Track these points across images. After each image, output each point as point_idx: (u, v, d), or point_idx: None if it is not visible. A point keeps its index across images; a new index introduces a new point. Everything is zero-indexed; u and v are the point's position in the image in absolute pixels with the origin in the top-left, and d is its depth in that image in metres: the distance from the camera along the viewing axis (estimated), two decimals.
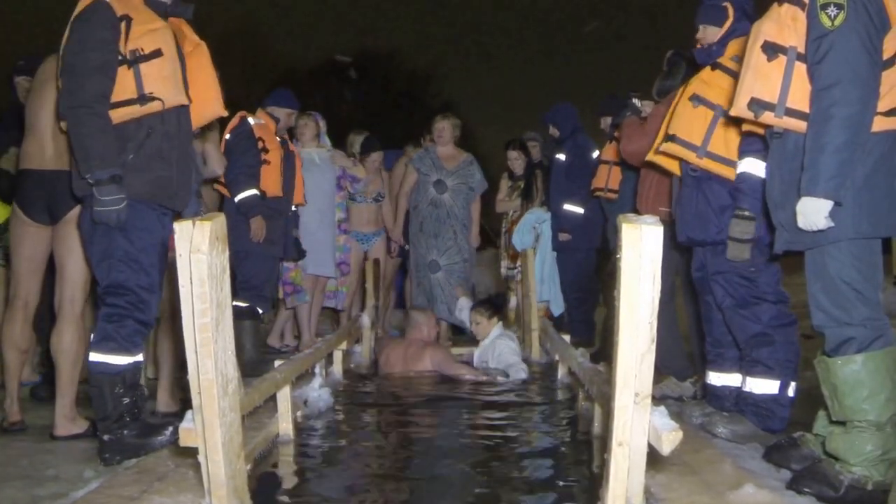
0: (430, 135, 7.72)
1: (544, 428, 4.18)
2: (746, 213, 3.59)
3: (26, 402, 4.62)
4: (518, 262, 7.70)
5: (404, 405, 4.75)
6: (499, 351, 5.98)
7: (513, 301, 8.11)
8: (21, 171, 4.12)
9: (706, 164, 3.80)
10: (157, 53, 3.47)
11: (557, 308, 7.52)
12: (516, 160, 8.05)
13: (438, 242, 7.35)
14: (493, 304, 6.47)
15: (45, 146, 4.01)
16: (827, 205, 2.78)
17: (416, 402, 4.84)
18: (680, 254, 4.54)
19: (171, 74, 3.51)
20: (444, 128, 7.40)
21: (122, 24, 3.42)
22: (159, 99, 3.46)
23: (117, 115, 3.42)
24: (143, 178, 3.48)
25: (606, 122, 6.36)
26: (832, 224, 2.79)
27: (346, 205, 7.51)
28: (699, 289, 4.10)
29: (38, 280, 4.19)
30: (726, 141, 3.74)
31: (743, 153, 3.65)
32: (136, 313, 3.50)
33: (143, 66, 3.44)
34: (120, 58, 3.41)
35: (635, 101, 5.26)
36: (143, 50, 3.45)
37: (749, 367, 3.78)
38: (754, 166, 3.58)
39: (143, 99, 3.44)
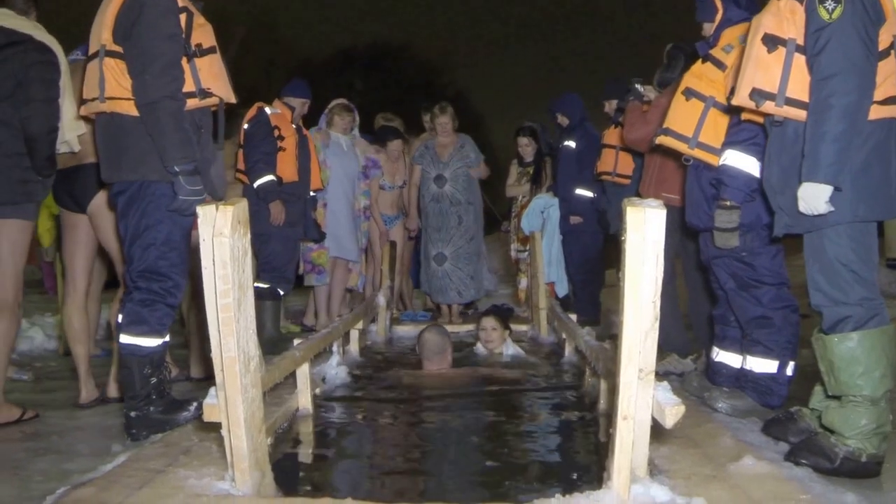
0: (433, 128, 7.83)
1: (552, 403, 4.25)
2: (728, 203, 3.67)
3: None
4: (527, 245, 7.83)
5: (417, 382, 4.81)
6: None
7: (523, 282, 8.22)
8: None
9: (698, 153, 3.89)
10: (212, 50, 3.56)
11: (562, 289, 7.62)
12: (527, 146, 8.16)
13: (442, 235, 7.51)
14: (506, 316, 6.24)
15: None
16: (827, 190, 2.84)
17: (428, 379, 4.90)
18: (683, 236, 4.62)
19: (220, 71, 3.59)
20: (447, 122, 7.51)
21: (184, 17, 3.47)
22: (216, 95, 3.55)
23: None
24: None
25: (612, 105, 6.44)
26: (832, 208, 2.86)
27: (370, 191, 7.65)
28: (708, 270, 4.18)
29: (90, 265, 4.39)
30: (717, 131, 3.83)
31: (726, 145, 3.73)
32: (169, 298, 3.57)
33: (199, 61, 3.51)
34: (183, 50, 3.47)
35: (638, 86, 5.33)
36: (202, 45, 3.51)
37: (749, 346, 3.85)
38: (737, 159, 3.64)
39: (202, 93, 3.51)
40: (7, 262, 3.95)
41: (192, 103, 3.51)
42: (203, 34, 3.55)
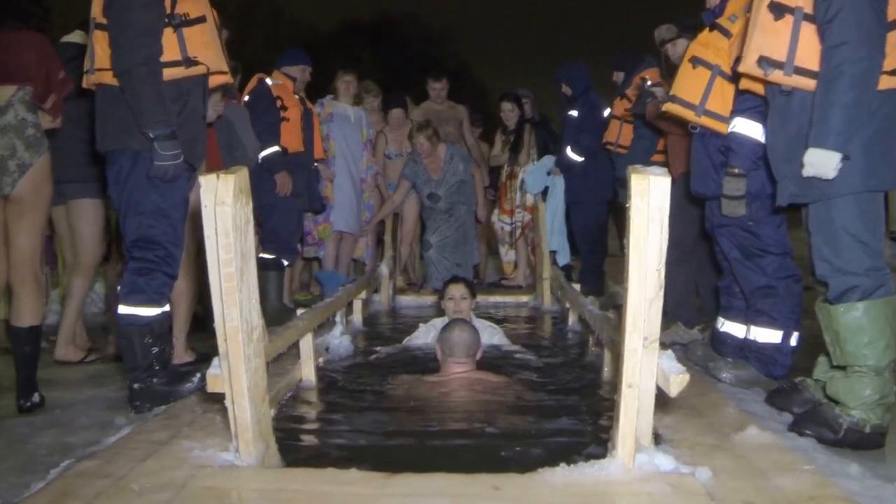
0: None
1: (555, 373, 4.24)
2: (737, 171, 3.65)
3: None
4: (514, 217, 7.92)
5: (420, 351, 4.82)
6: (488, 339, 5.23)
7: (510, 254, 8.25)
8: None
9: (704, 121, 3.88)
10: (201, 19, 3.55)
11: (564, 258, 7.63)
12: (510, 112, 8.09)
13: (430, 224, 7.70)
14: (473, 286, 5.65)
15: None
16: (836, 157, 2.82)
17: (431, 348, 4.88)
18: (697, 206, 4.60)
19: (212, 41, 3.59)
20: (422, 143, 7.46)
21: None
22: (204, 64, 3.55)
23: (165, 75, 3.49)
24: (180, 137, 3.54)
25: (619, 76, 6.42)
26: (836, 173, 2.85)
27: (369, 164, 7.65)
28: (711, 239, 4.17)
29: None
30: (724, 99, 3.81)
31: (735, 112, 3.70)
32: (165, 267, 3.58)
33: (186, 31, 3.51)
34: (166, 20, 3.46)
35: (651, 87, 5.32)
36: (188, 15, 3.52)
37: (754, 316, 3.85)
38: (745, 126, 3.63)
39: (187, 62, 3.52)
40: (87, 234, 4.73)
41: (176, 72, 3.52)
42: (194, 5, 3.56)
